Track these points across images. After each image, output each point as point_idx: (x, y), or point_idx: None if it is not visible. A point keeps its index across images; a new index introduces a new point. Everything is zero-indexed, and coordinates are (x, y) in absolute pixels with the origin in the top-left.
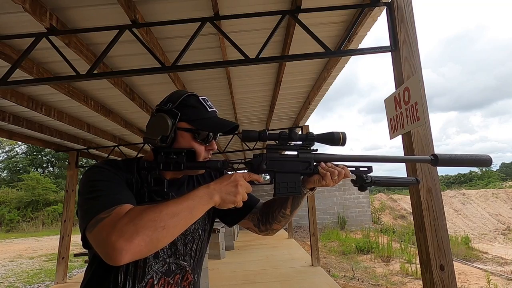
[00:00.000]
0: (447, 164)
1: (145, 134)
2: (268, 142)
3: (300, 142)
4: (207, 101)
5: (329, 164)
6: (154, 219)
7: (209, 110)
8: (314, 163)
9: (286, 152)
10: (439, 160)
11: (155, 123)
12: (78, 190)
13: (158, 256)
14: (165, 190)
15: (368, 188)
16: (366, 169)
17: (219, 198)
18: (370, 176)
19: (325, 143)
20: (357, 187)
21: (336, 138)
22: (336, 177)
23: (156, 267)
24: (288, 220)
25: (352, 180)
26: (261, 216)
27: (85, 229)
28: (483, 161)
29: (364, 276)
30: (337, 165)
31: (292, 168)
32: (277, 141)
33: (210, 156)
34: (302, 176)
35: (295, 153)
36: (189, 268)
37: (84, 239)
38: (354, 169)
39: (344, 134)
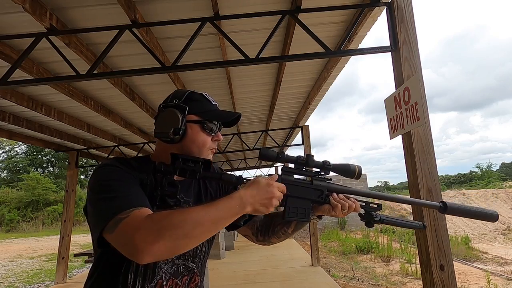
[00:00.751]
0: (454, 213)
1: (156, 129)
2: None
3: (316, 169)
4: (209, 96)
5: (340, 195)
6: (177, 227)
7: (213, 103)
8: (326, 193)
9: (298, 177)
10: (447, 208)
11: (165, 117)
12: (91, 188)
13: None
14: (178, 196)
15: (374, 225)
16: (375, 206)
17: (252, 209)
18: (379, 214)
19: (341, 174)
20: (364, 222)
21: (352, 171)
22: (346, 210)
23: (165, 268)
24: (288, 237)
25: (360, 215)
26: (261, 226)
27: (103, 230)
28: (490, 216)
29: (364, 276)
30: (348, 198)
31: (305, 194)
32: (294, 165)
33: (216, 147)
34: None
35: (309, 179)
36: (197, 269)
37: (99, 239)
38: (364, 204)
39: (360, 168)
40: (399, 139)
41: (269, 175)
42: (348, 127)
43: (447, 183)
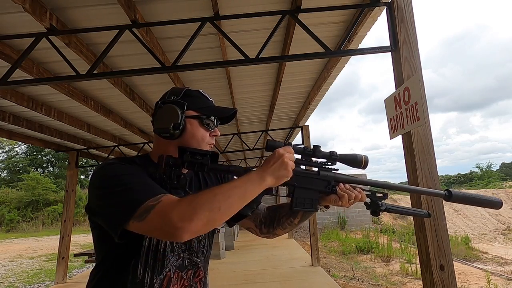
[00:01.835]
0: (459, 201)
1: (156, 125)
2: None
3: (323, 160)
4: (205, 92)
5: (347, 186)
6: (210, 201)
7: (209, 99)
8: (333, 183)
9: (304, 167)
10: (452, 196)
11: (165, 113)
12: (99, 185)
13: (173, 250)
14: (187, 189)
15: (380, 213)
16: (381, 195)
17: (272, 179)
18: (385, 203)
19: (348, 164)
20: (370, 211)
21: (359, 160)
22: (353, 200)
23: (172, 261)
24: (293, 228)
25: (365, 204)
26: (265, 218)
27: (131, 219)
28: (494, 203)
29: (364, 276)
30: (354, 188)
31: (312, 185)
32: (301, 156)
33: (213, 142)
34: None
35: (316, 169)
36: (201, 264)
37: (122, 232)
38: (369, 193)
39: (366, 158)
40: (399, 139)
41: None
42: (348, 127)
43: (447, 183)
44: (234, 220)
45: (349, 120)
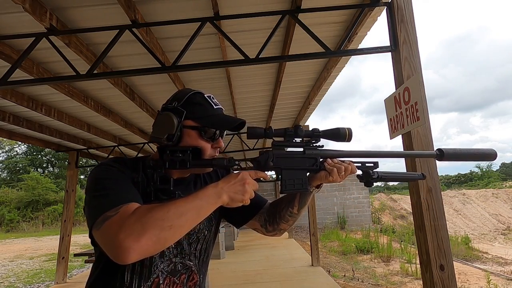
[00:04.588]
0: (452, 159)
1: (152, 133)
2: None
3: (306, 139)
4: (213, 99)
5: (335, 160)
6: (161, 218)
7: (215, 107)
8: (321, 160)
9: (292, 149)
10: (444, 155)
11: (161, 122)
12: (86, 187)
13: (164, 255)
14: (171, 188)
15: (374, 183)
16: (372, 164)
17: (227, 197)
18: (377, 171)
19: (331, 139)
20: (363, 183)
21: (342, 134)
22: (343, 172)
23: (161, 266)
24: (296, 219)
25: (358, 176)
26: (268, 216)
27: (92, 226)
28: (488, 155)
29: (364, 276)
30: (343, 161)
31: (299, 164)
32: (283, 138)
33: (217, 154)
34: (308, 173)
35: (301, 149)
36: (195, 268)
37: (92, 236)
38: (360, 165)
39: (350, 130)
40: (399, 139)
41: None
42: (349, 127)
43: (447, 183)
44: (241, 222)
45: (350, 120)
